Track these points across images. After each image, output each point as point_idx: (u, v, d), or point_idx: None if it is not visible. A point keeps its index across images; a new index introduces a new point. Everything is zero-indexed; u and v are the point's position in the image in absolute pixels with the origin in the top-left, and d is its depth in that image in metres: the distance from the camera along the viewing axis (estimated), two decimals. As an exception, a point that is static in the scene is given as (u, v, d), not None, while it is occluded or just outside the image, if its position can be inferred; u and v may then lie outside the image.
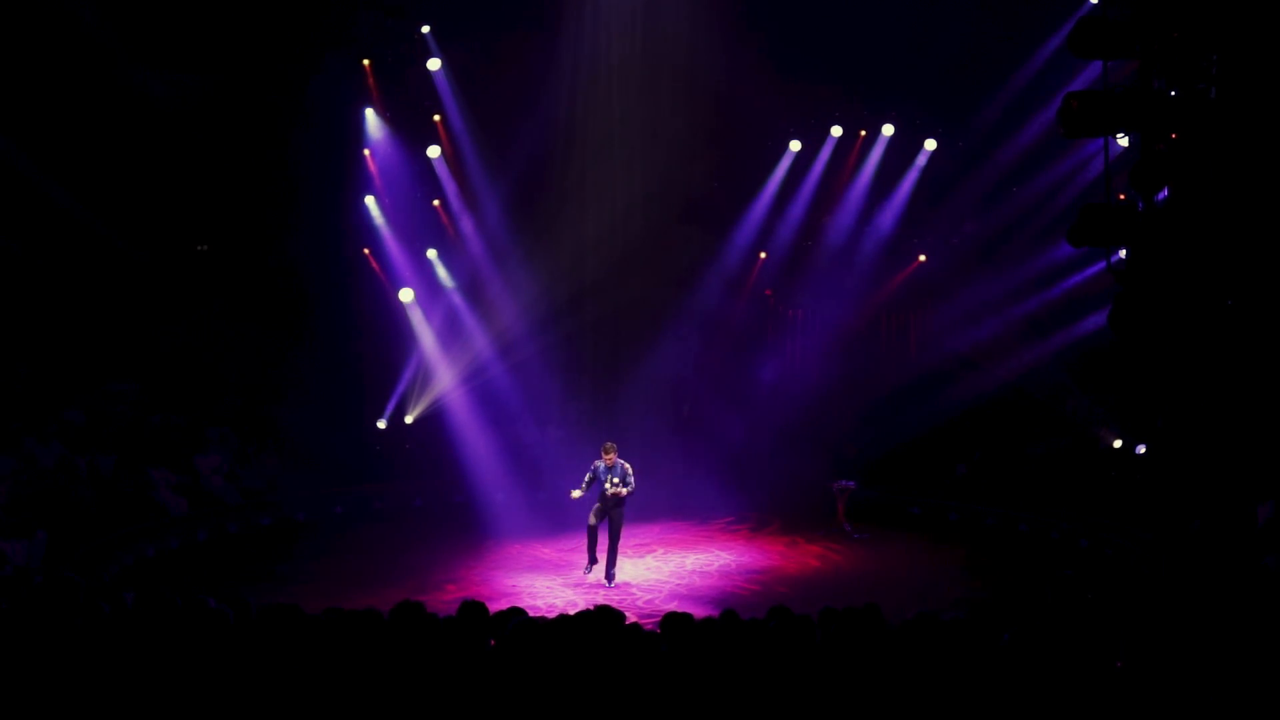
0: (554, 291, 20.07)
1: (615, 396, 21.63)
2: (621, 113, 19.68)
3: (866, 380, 22.12)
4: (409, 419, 20.03)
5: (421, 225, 20.40)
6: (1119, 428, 17.28)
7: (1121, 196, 12.93)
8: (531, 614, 6.74)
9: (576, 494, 14.15)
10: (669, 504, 19.29)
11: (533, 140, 19.83)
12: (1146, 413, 13.93)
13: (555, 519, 17.94)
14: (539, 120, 19.85)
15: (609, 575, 14.13)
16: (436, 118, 20.14)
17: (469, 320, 20.33)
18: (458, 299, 20.41)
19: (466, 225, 20.49)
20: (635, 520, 18.13)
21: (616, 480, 13.88)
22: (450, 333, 20.28)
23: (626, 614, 6.56)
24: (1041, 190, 19.60)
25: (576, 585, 14.00)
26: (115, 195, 19.14)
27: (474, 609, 6.69)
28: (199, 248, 21.04)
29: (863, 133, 21.04)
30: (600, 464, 14.09)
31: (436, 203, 20.40)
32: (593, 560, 14.21)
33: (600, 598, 13.27)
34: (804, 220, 21.92)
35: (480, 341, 20.28)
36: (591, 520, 14.11)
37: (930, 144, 20.54)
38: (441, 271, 20.45)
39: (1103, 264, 13.12)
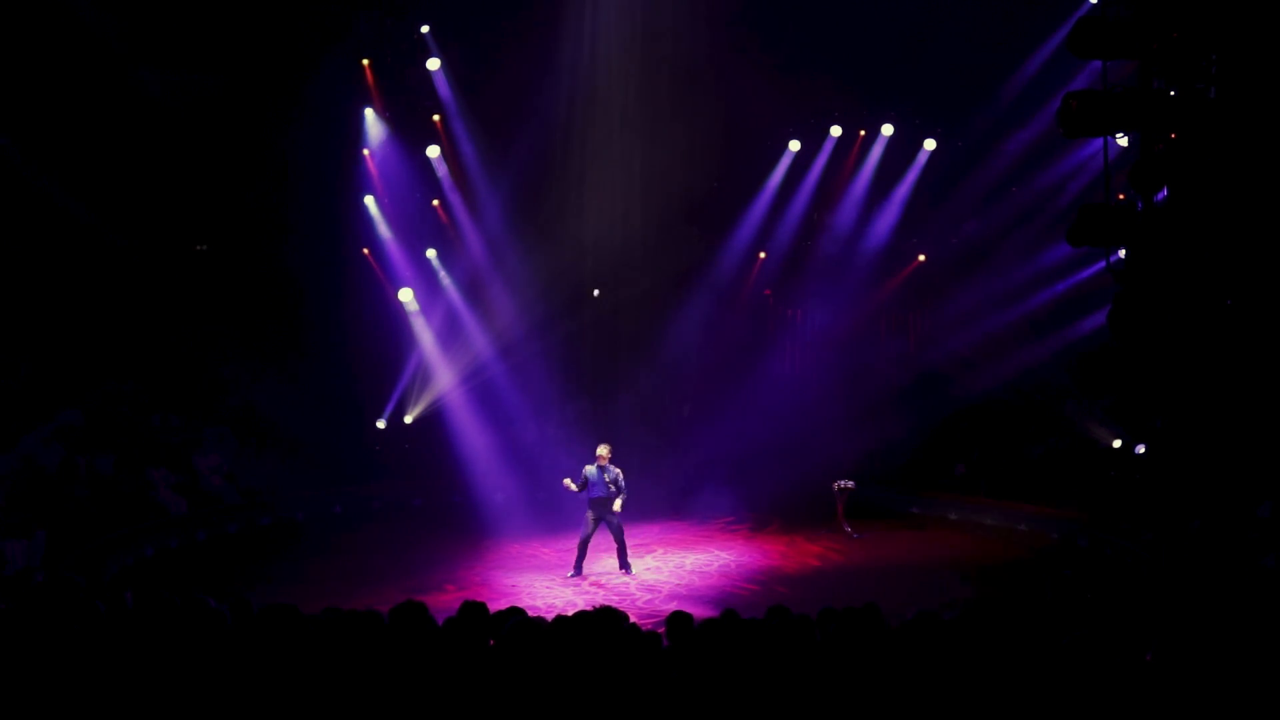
0: (553, 291, 20.06)
1: (615, 396, 21.63)
2: (621, 112, 19.66)
3: (866, 379, 22.12)
4: (408, 419, 20.03)
5: (421, 225, 20.38)
6: (1118, 428, 17.27)
7: (1121, 197, 12.94)
8: (531, 614, 6.73)
9: (569, 483, 14.25)
10: (668, 503, 19.32)
11: (532, 140, 19.82)
12: (1146, 413, 13.93)
13: (554, 519, 17.97)
14: (539, 120, 19.84)
15: (626, 567, 14.34)
16: (436, 118, 20.12)
17: (468, 320, 20.32)
18: (457, 299, 20.40)
19: (466, 225, 20.48)
20: (635, 519, 18.13)
21: (610, 483, 14.03)
22: (450, 333, 20.27)
23: (627, 614, 6.54)
24: (1041, 190, 19.59)
25: (576, 585, 13.99)
26: (115, 194, 19.15)
27: (474, 609, 6.69)
28: (199, 248, 21.05)
29: (862, 132, 21.03)
30: (592, 468, 14.13)
31: (436, 203, 20.39)
32: (579, 569, 14.27)
33: (600, 598, 13.27)
34: (804, 220, 21.93)
35: (480, 341, 20.28)
36: (585, 531, 14.18)
37: (930, 144, 20.54)
38: (441, 271, 20.45)
39: (1102, 264, 13.12)
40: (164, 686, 5.98)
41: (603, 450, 14.23)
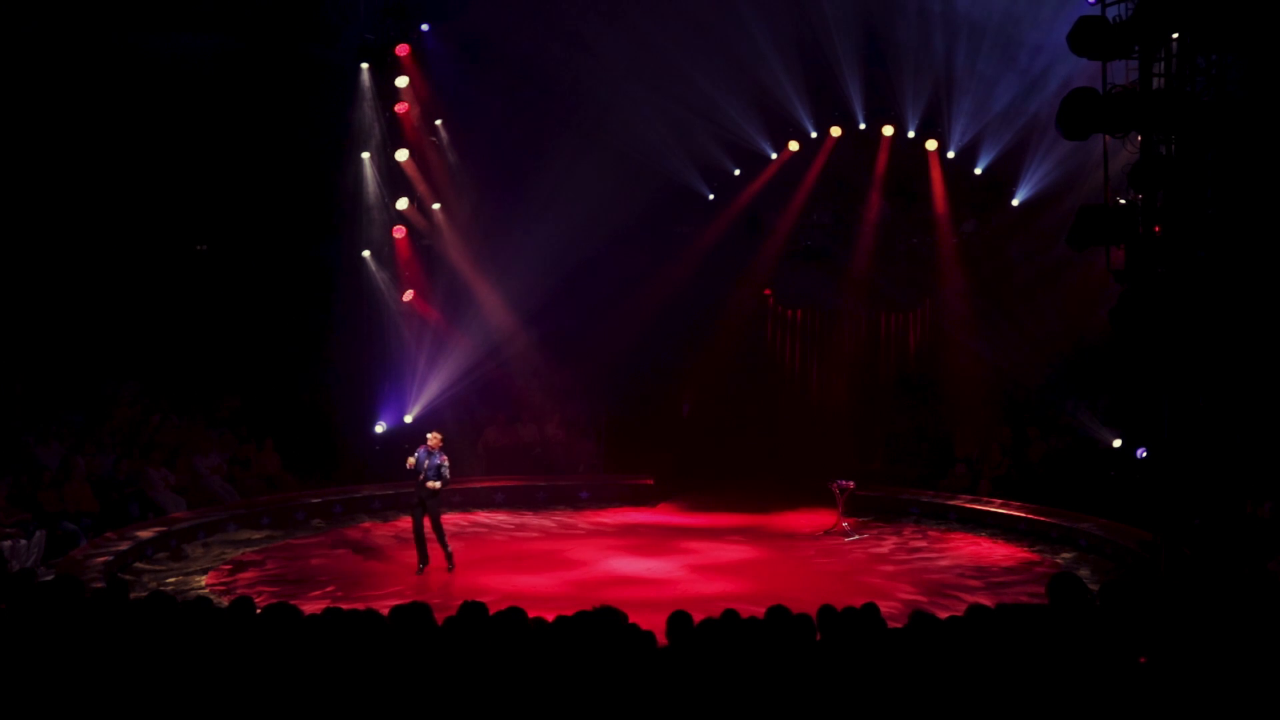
0: (551, 285, 19.99)
1: (614, 394, 21.62)
2: (618, 105, 19.62)
3: (866, 379, 22.14)
4: (408, 418, 20.02)
5: (421, 225, 20.36)
6: (1118, 428, 17.28)
7: (1121, 200, 12.93)
8: (531, 614, 6.74)
9: (411, 461, 14.51)
10: (666, 502, 19.35)
11: (530, 132, 19.76)
12: (1146, 412, 13.93)
13: (552, 518, 17.99)
14: (536, 111, 19.80)
15: (424, 561, 14.45)
16: (439, 121, 20.11)
17: (469, 318, 20.31)
18: (457, 296, 20.38)
19: (467, 223, 20.46)
20: (632, 518, 18.23)
21: (431, 471, 14.29)
22: (450, 331, 20.26)
23: (626, 613, 6.54)
24: (1041, 189, 19.58)
25: (575, 585, 13.98)
26: (115, 193, 19.21)
27: (474, 609, 6.69)
28: (198, 247, 21.08)
29: (862, 127, 20.97)
30: (421, 450, 14.43)
31: (437, 205, 20.35)
32: (424, 559, 14.46)
33: (599, 597, 13.24)
34: (802, 219, 21.92)
35: (480, 339, 20.26)
36: (413, 518, 14.52)
37: (931, 144, 20.54)
38: (441, 269, 20.45)
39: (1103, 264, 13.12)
40: (165, 686, 5.99)
41: (431, 437, 14.54)
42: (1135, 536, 14.57)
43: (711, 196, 21.59)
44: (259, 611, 6.77)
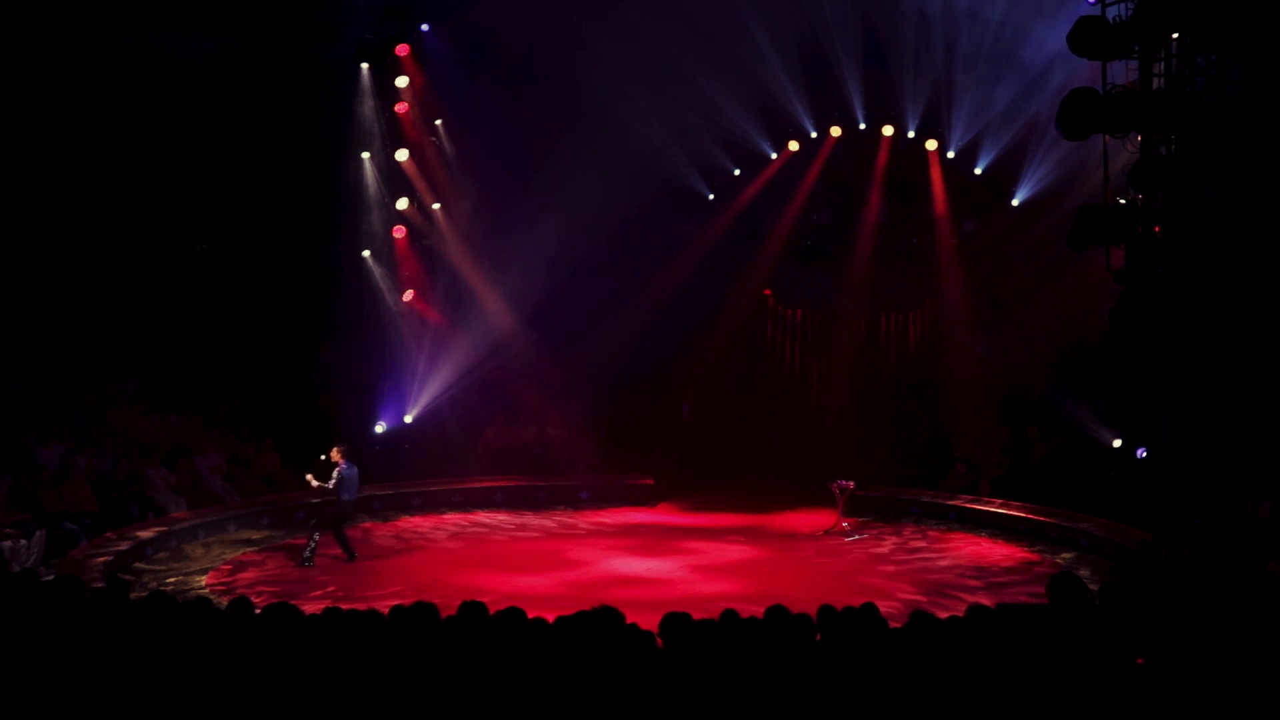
0: (551, 286, 19.99)
1: (614, 394, 21.61)
2: (618, 105, 19.62)
3: (866, 380, 22.13)
4: (408, 418, 20.03)
5: (421, 225, 20.37)
6: (1118, 428, 17.28)
7: (1121, 200, 12.93)
8: (531, 614, 6.74)
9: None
10: (666, 502, 19.35)
11: (530, 132, 19.75)
12: (1146, 412, 13.94)
13: (552, 518, 17.98)
14: (536, 111, 19.80)
15: (308, 562, 14.65)
16: (439, 121, 20.11)
17: (469, 318, 20.31)
18: (457, 296, 20.38)
19: (467, 222, 20.46)
20: (632, 518, 18.23)
21: (329, 481, 14.80)
22: (450, 331, 20.26)
23: (624, 614, 6.54)
24: (1041, 189, 19.58)
25: (575, 585, 13.98)
26: (115, 193, 19.22)
27: (474, 609, 6.70)
28: (199, 247, 21.09)
29: (862, 126, 20.96)
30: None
31: (437, 205, 20.36)
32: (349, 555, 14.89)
33: (599, 597, 13.23)
34: (802, 219, 21.92)
35: (480, 339, 20.26)
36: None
37: (931, 144, 20.54)
38: (440, 269, 20.45)
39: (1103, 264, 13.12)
40: (165, 686, 5.99)
41: (335, 451, 15.00)
42: (1135, 536, 14.57)
43: (711, 196, 21.57)
44: (259, 611, 6.78)
